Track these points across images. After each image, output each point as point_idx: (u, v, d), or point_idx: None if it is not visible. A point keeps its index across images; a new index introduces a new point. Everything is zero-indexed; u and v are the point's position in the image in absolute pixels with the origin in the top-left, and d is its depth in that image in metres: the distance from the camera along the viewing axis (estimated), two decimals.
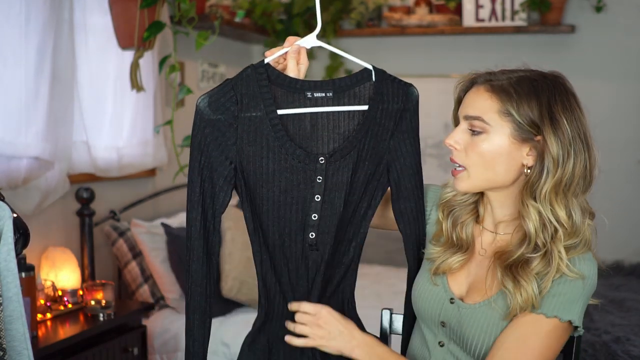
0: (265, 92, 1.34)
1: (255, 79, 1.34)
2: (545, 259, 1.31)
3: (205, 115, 1.33)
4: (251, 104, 1.33)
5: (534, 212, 1.33)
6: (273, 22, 3.88)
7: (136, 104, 3.01)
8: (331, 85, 1.38)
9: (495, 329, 1.35)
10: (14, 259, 1.37)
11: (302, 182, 1.36)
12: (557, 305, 1.30)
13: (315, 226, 1.37)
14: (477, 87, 1.41)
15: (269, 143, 1.34)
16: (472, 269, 1.44)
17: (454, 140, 1.39)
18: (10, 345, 1.37)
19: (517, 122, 1.33)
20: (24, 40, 2.33)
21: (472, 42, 3.79)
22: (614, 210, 3.59)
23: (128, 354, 2.55)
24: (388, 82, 1.40)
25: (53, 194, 2.56)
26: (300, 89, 1.36)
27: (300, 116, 1.36)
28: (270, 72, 1.36)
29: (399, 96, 1.40)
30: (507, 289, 1.32)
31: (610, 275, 3.26)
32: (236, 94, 1.33)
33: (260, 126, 1.33)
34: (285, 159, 1.34)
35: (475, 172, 1.37)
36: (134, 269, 2.97)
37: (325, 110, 1.36)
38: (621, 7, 3.55)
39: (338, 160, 1.36)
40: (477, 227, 1.48)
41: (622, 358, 2.40)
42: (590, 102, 3.98)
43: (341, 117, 1.38)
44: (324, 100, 1.37)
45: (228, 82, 1.35)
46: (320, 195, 1.36)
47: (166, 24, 2.33)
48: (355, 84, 1.39)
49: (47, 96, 2.43)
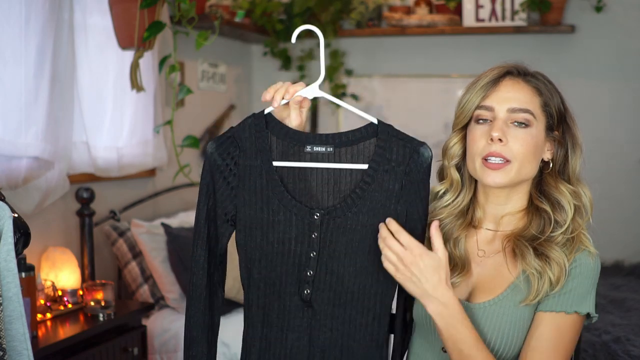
0: (264, 143, 1.33)
1: (255, 129, 1.34)
2: (566, 234, 1.37)
3: (213, 160, 1.35)
4: (250, 153, 1.33)
5: (568, 192, 1.40)
6: (273, 22, 3.88)
7: (136, 104, 3.01)
8: (332, 139, 1.34)
9: (509, 325, 1.36)
10: (14, 259, 1.37)
11: (299, 235, 1.32)
12: (574, 300, 1.34)
13: (310, 283, 1.33)
14: (514, 80, 1.40)
15: (266, 193, 1.33)
16: (473, 272, 1.44)
17: (503, 135, 1.36)
18: (10, 345, 1.37)
19: (552, 115, 1.40)
20: (24, 41, 2.33)
21: (472, 42, 3.79)
22: (614, 210, 3.60)
23: (128, 354, 2.55)
24: (393, 139, 1.33)
25: (53, 194, 2.56)
26: (300, 142, 1.34)
27: (298, 169, 1.34)
28: (270, 121, 1.36)
29: (405, 156, 1.33)
30: (534, 269, 1.34)
31: (610, 275, 3.26)
32: (237, 141, 1.34)
33: (258, 176, 1.33)
34: (281, 211, 1.32)
35: (520, 166, 1.37)
36: (134, 269, 2.97)
37: (324, 166, 1.33)
38: (621, 7, 3.55)
39: (335, 218, 1.32)
40: (471, 230, 1.47)
41: (622, 358, 2.40)
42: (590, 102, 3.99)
43: (341, 175, 1.33)
44: (324, 155, 1.33)
45: (231, 129, 1.36)
46: (316, 252, 1.32)
47: (166, 24, 2.33)
48: (358, 140, 1.34)
49: (47, 96, 2.43)
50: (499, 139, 1.35)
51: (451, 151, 1.47)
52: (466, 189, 1.48)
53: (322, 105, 4.12)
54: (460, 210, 1.47)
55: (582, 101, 3.66)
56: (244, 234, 1.35)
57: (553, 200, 1.40)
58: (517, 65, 1.43)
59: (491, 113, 1.39)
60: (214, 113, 3.90)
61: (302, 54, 4.06)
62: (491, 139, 1.36)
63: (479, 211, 1.47)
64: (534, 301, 1.35)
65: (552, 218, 1.38)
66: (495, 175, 1.37)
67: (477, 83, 1.42)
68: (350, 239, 1.32)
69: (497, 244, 1.45)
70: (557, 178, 1.42)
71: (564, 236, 1.37)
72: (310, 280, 1.32)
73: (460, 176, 1.48)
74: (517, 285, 1.37)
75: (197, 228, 1.37)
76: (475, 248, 1.46)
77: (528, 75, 1.41)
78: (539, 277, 1.34)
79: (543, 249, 1.35)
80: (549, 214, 1.39)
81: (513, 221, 1.44)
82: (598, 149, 3.63)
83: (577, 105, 4.31)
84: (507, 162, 1.37)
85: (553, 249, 1.35)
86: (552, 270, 1.34)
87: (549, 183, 1.42)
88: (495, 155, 1.37)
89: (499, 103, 1.38)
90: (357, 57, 4.06)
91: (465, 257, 1.44)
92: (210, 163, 1.35)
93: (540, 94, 1.39)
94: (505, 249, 1.42)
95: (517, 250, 1.38)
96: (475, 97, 1.40)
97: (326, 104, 4.09)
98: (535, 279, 1.34)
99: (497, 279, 1.40)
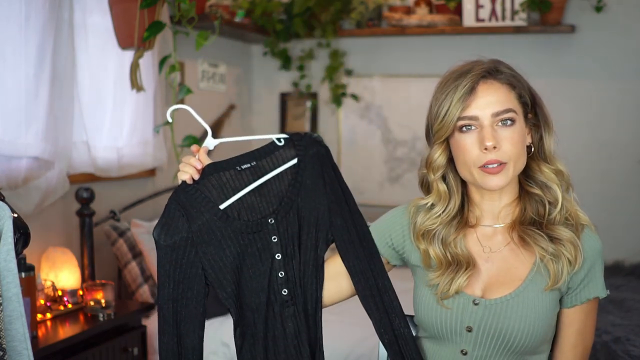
0: (201, 198, 1.42)
1: (186, 193, 1.43)
2: (561, 212, 1.42)
3: (163, 244, 1.41)
4: (195, 214, 1.42)
5: (551, 172, 1.43)
6: (273, 22, 3.88)
7: (136, 104, 3.01)
8: (251, 156, 1.46)
9: (534, 314, 1.38)
10: (14, 259, 1.37)
11: (262, 249, 1.43)
12: (593, 288, 1.42)
13: (284, 282, 1.42)
14: (488, 83, 1.40)
15: (222, 233, 1.42)
16: (481, 269, 1.44)
17: (496, 141, 1.37)
18: (10, 345, 1.36)
19: (526, 103, 1.42)
20: (24, 41, 2.33)
21: (472, 42, 3.79)
22: (614, 210, 3.60)
23: (128, 354, 2.55)
24: (306, 138, 1.48)
25: (53, 194, 2.56)
26: (227, 167, 1.45)
27: (240, 199, 1.44)
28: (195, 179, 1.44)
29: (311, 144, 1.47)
30: (550, 254, 1.38)
31: (610, 275, 3.26)
32: (180, 210, 1.42)
33: (211, 226, 1.42)
34: (241, 237, 1.42)
35: (515, 164, 1.40)
36: (134, 269, 2.97)
37: (263, 180, 1.45)
38: (621, 7, 3.54)
39: (285, 216, 1.44)
40: (470, 231, 1.47)
41: (622, 358, 2.40)
42: (590, 101, 3.99)
43: (272, 182, 1.46)
44: (252, 169, 1.46)
45: (168, 204, 1.43)
46: (280, 253, 1.43)
47: (166, 24, 2.33)
48: (274, 150, 1.47)
49: (47, 96, 2.43)
50: (494, 147, 1.37)
51: (436, 163, 1.46)
52: (454, 195, 1.48)
53: (322, 105, 4.12)
54: (453, 215, 1.47)
55: (581, 101, 3.66)
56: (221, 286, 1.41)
57: (540, 183, 1.44)
58: (483, 64, 1.42)
59: (476, 121, 1.39)
60: (214, 113, 3.91)
61: (302, 54, 4.06)
62: (485, 148, 1.37)
63: (476, 210, 1.47)
64: (557, 284, 1.38)
65: (544, 200, 1.42)
66: (496, 179, 1.39)
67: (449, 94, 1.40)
68: (299, 227, 1.44)
69: (499, 238, 1.46)
70: (538, 160, 1.45)
71: (561, 215, 1.42)
72: (284, 280, 1.43)
73: (446, 184, 1.48)
74: (537, 273, 1.40)
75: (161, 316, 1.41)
76: (479, 245, 1.46)
77: (497, 72, 1.42)
78: (556, 260, 1.38)
79: (551, 232, 1.40)
80: (540, 196, 1.43)
81: (510, 212, 1.46)
82: (598, 149, 3.63)
83: (577, 105, 4.32)
84: (503, 164, 1.38)
85: (560, 230, 1.40)
86: (568, 250, 1.38)
87: (533, 167, 1.45)
88: (493, 162, 1.38)
89: (481, 110, 1.38)
90: (357, 57, 4.06)
91: (469, 254, 1.44)
92: (162, 249, 1.41)
93: (514, 88, 1.41)
94: (513, 240, 1.44)
95: (528, 239, 1.41)
96: (455, 109, 1.39)
97: (326, 103, 4.09)
98: (552, 262, 1.38)
99: (511, 271, 1.42)
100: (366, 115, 4.05)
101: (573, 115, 3.61)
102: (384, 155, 4.05)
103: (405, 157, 3.99)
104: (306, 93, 4.14)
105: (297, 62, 4.09)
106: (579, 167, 3.46)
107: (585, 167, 3.59)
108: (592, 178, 3.61)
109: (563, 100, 3.61)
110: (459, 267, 1.42)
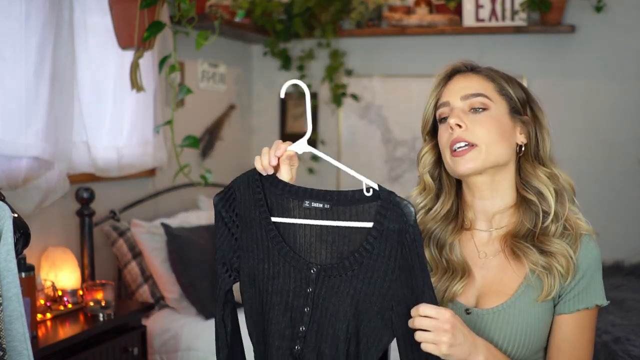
0: (259, 200, 1.33)
1: (250, 185, 1.35)
2: (557, 222, 1.39)
3: (218, 211, 1.37)
4: (249, 206, 1.35)
5: (544, 176, 1.40)
6: (273, 22, 3.88)
7: (136, 104, 3.01)
8: (330, 196, 1.30)
9: (525, 325, 1.36)
10: (14, 259, 1.37)
11: (296, 288, 1.30)
12: (592, 295, 1.38)
13: (302, 339, 1.29)
14: (463, 75, 1.43)
15: (264, 244, 1.32)
16: (476, 277, 1.43)
17: (459, 119, 1.38)
18: (10, 345, 1.36)
19: (513, 99, 1.42)
20: (24, 40, 2.33)
21: (472, 42, 3.79)
22: (614, 210, 3.60)
23: (128, 354, 2.55)
24: (393, 208, 1.24)
25: (53, 194, 2.55)
26: (297, 197, 1.32)
27: (296, 225, 1.32)
28: (265, 177, 1.35)
29: (399, 222, 1.24)
30: (541, 267, 1.36)
31: (610, 275, 3.26)
32: (237, 194, 1.36)
33: (257, 229, 1.33)
34: (280, 262, 1.31)
35: (488, 148, 1.38)
36: (134, 269, 2.97)
37: (325, 224, 1.29)
38: (621, 7, 3.54)
39: (330, 277, 1.27)
40: (465, 234, 1.47)
41: (622, 358, 2.39)
42: (590, 102, 4.00)
43: (339, 233, 1.28)
44: (321, 212, 1.30)
45: (233, 181, 1.37)
46: (309, 307, 1.29)
47: (166, 24, 2.33)
48: (358, 202, 1.28)
49: (47, 96, 2.43)
50: (458, 125, 1.38)
51: (423, 159, 1.49)
52: (445, 193, 1.48)
53: (323, 105, 4.12)
54: (445, 215, 1.47)
55: (582, 101, 3.66)
56: (245, 285, 1.35)
57: (534, 189, 1.42)
58: (465, 62, 1.46)
59: (448, 107, 1.41)
60: (214, 113, 3.91)
61: (302, 54, 4.06)
62: (451, 127, 1.39)
63: (469, 212, 1.47)
64: (549, 297, 1.36)
65: (540, 209, 1.40)
66: (464, 161, 1.38)
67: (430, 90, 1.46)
68: (341, 302, 1.26)
69: (495, 244, 1.44)
70: (533, 162, 1.43)
71: (556, 225, 1.38)
72: (302, 336, 1.29)
73: (438, 182, 1.49)
74: (528, 284, 1.38)
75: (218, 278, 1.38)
76: (475, 251, 1.45)
77: (476, 68, 1.45)
78: (547, 273, 1.36)
79: (543, 245, 1.37)
80: (537, 205, 1.40)
81: (505, 219, 1.44)
82: (598, 149, 3.63)
83: (577, 105, 4.33)
84: (472, 146, 1.37)
85: (553, 242, 1.37)
86: (559, 262, 1.35)
87: (527, 169, 1.43)
88: (459, 140, 1.38)
89: (451, 95, 1.41)
90: (357, 57, 4.06)
91: (464, 261, 1.43)
92: (218, 214, 1.38)
93: (492, 80, 1.42)
94: (504, 251, 1.42)
95: (519, 252, 1.39)
96: (432, 99, 1.45)
97: (327, 103, 4.09)
98: (544, 275, 1.36)
99: (504, 280, 1.40)
100: (366, 115, 4.05)
101: (573, 115, 3.61)
102: (384, 155, 4.05)
103: (405, 157, 4.00)
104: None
105: (297, 62, 4.09)
106: (579, 167, 3.46)
107: (585, 167, 3.59)
108: (592, 178, 3.61)
109: (563, 100, 3.61)
110: (454, 275, 1.41)
